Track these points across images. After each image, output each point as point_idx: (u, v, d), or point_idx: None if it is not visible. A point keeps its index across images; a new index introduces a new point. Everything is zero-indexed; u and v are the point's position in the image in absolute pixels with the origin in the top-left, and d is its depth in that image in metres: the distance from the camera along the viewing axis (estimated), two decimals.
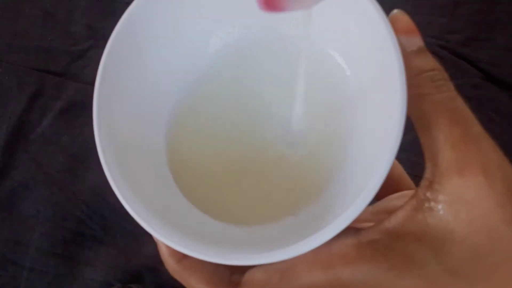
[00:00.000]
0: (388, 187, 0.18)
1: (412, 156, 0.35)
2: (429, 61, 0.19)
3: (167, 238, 0.19)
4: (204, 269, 0.21)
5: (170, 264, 0.21)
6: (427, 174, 0.18)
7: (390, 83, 0.18)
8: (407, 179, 0.27)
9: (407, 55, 0.18)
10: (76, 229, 0.67)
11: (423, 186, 0.18)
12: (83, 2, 0.82)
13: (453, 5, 0.74)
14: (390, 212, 0.19)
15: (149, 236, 0.19)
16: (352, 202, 0.18)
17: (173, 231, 0.20)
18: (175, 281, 0.21)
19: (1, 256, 0.67)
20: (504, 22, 0.72)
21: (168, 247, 0.21)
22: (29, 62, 0.77)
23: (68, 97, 0.74)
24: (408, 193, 0.24)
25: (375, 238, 0.19)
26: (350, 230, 0.19)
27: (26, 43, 0.79)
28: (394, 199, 0.25)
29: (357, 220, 0.18)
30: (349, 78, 0.23)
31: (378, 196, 0.18)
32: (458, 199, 0.17)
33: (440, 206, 0.17)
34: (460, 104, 0.18)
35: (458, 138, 0.17)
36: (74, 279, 0.66)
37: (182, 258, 0.21)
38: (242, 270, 0.21)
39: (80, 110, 0.74)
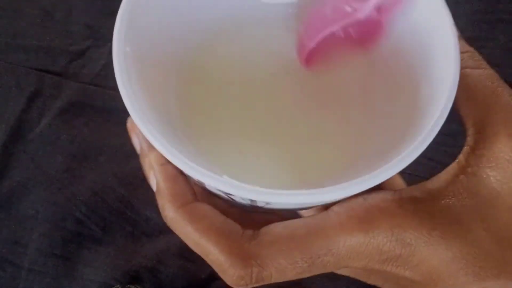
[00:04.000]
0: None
1: None
2: (465, 45, 0.20)
3: (179, 158, 0.16)
4: (212, 217, 0.18)
5: (170, 210, 0.18)
6: (469, 141, 0.18)
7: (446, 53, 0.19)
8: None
9: None
10: (75, 230, 0.67)
11: (465, 152, 0.18)
12: (82, 1, 0.81)
13: (453, 5, 0.73)
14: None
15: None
16: (399, 155, 0.16)
17: (189, 156, 0.17)
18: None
19: None
20: (505, 22, 0.72)
21: (170, 189, 0.18)
22: (28, 62, 0.77)
23: (67, 96, 0.74)
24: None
25: (418, 195, 0.17)
26: (386, 190, 0.18)
27: (25, 42, 0.78)
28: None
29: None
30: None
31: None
32: (504, 162, 0.16)
33: (485, 171, 0.17)
34: (499, 78, 0.19)
35: (506, 103, 0.18)
36: (73, 280, 0.65)
37: (186, 203, 0.18)
38: (255, 225, 0.18)
39: (79, 110, 0.73)
